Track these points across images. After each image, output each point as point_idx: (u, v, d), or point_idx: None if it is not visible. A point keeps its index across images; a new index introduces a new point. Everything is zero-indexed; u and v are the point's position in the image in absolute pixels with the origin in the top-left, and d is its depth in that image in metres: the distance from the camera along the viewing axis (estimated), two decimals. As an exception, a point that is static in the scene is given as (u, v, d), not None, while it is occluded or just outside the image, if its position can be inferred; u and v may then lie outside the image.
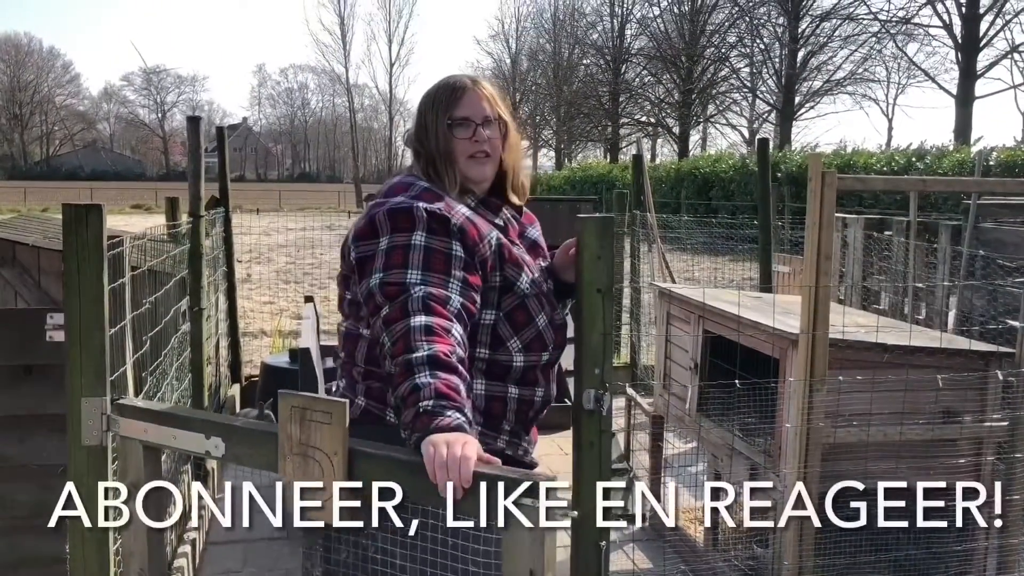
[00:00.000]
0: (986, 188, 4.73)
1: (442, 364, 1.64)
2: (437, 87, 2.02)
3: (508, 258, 1.93)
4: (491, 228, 1.94)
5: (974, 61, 30.30)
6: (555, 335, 2.02)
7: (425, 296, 1.73)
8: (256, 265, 14.90)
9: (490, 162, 1.99)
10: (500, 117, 2.00)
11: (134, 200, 41.02)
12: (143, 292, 3.98)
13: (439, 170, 1.97)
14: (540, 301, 1.98)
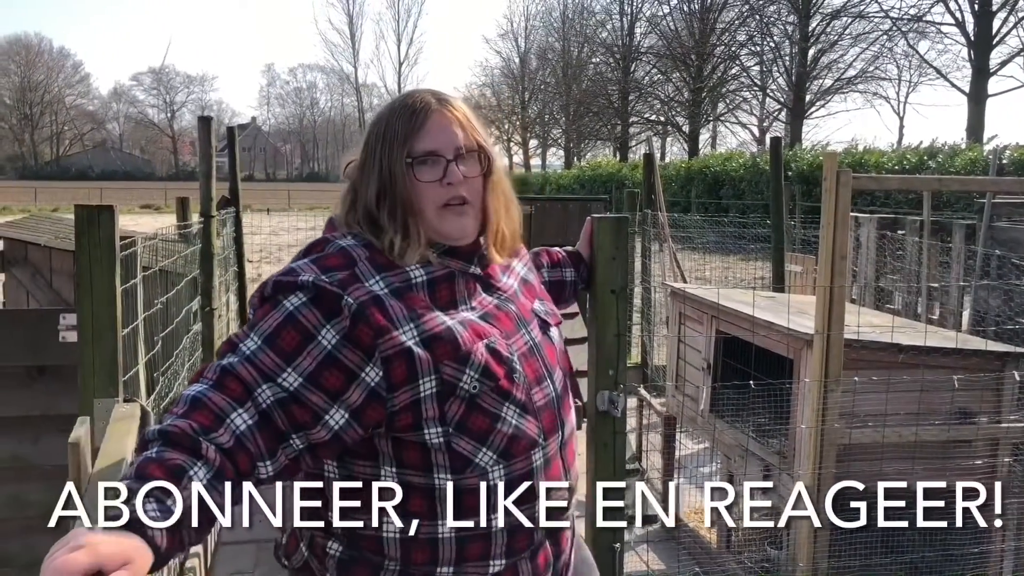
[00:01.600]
0: (1003, 187, 4.70)
1: (175, 440, 1.20)
2: (390, 109, 1.48)
3: (442, 351, 1.37)
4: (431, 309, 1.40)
5: (987, 58, 30.12)
6: (548, 415, 1.47)
7: (230, 367, 1.29)
8: (266, 265, 14.93)
9: (470, 210, 1.46)
10: (480, 146, 1.47)
11: (143, 200, 41.14)
12: (155, 292, 3.99)
13: (384, 224, 1.43)
14: (508, 383, 1.42)
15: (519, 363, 1.44)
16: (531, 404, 1.45)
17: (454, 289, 1.46)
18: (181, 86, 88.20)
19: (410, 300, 1.39)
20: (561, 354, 1.59)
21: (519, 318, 1.51)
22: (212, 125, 4.80)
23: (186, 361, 4.17)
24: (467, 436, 1.39)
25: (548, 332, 1.56)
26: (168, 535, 1.11)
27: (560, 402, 1.51)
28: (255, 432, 1.26)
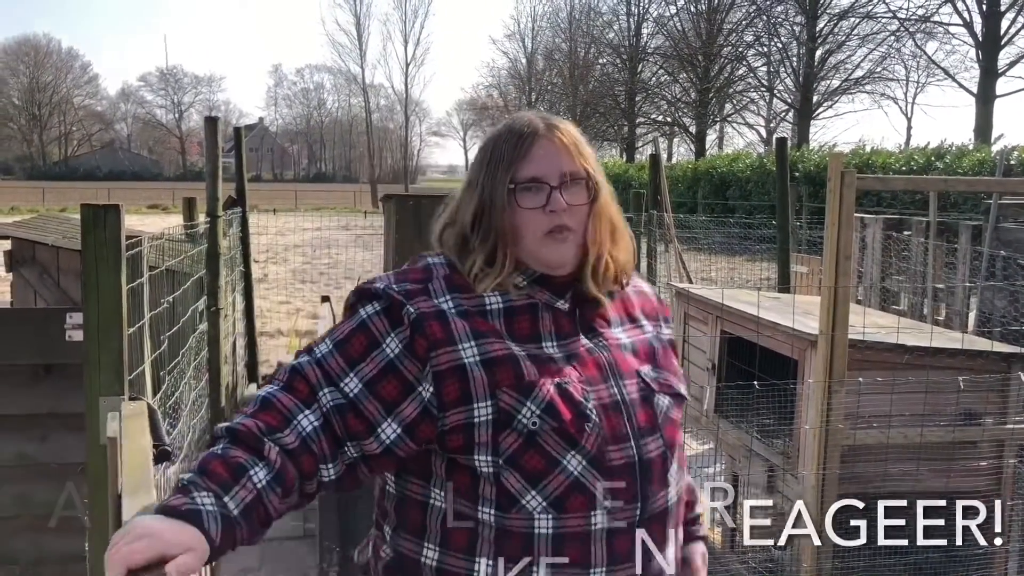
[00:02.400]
0: (1009, 188, 4.69)
1: (241, 438, 1.24)
2: (497, 133, 1.45)
3: (505, 378, 1.32)
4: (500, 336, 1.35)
5: (995, 59, 30.03)
6: (625, 481, 1.34)
7: (300, 368, 1.34)
8: (272, 265, 14.97)
9: (572, 238, 1.39)
10: (587, 174, 1.40)
11: (151, 200, 41.26)
12: (161, 292, 4.01)
13: (474, 247, 1.40)
14: (576, 430, 1.32)
15: (596, 413, 1.33)
16: (603, 461, 1.32)
17: (537, 322, 1.38)
18: (189, 86, 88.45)
19: (478, 323, 1.35)
20: (664, 424, 1.40)
21: (612, 369, 1.39)
22: (219, 125, 4.82)
23: (192, 360, 4.19)
24: (518, 472, 1.31)
25: (650, 397, 1.40)
26: (223, 532, 1.15)
27: (646, 473, 1.35)
28: (320, 434, 1.28)
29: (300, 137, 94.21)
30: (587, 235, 1.40)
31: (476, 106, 70.36)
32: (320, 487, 1.31)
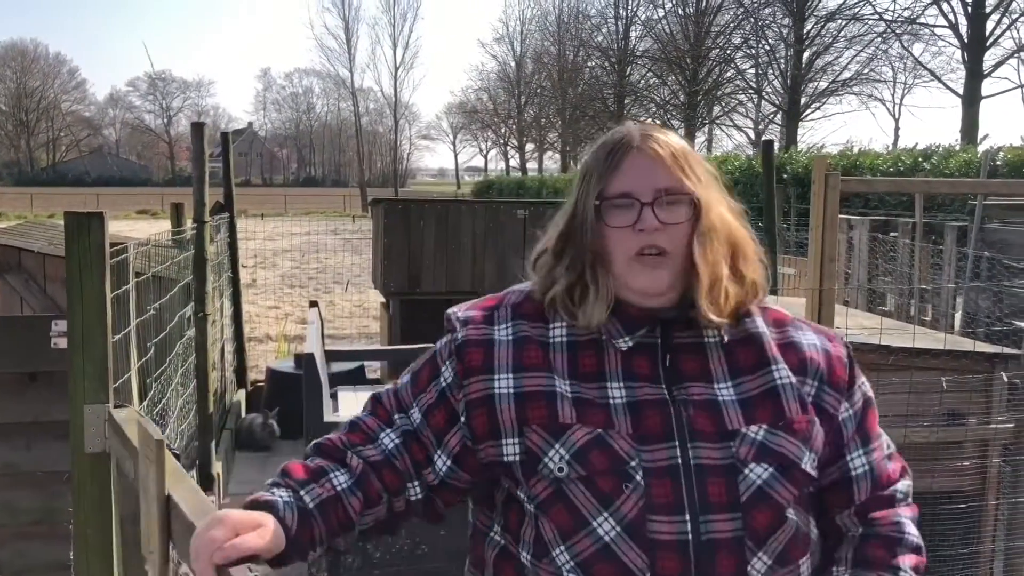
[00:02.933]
0: (991, 190, 4.72)
1: (326, 451, 1.26)
2: (593, 148, 1.31)
3: (537, 416, 1.21)
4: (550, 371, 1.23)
5: (980, 60, 30.20)
6: (669, 560, 1.14)
7: (381, 397, 1.34)
8: (261, 270, 14.93)
9: (667, 262, 1.21)
10: (686, 189, 1.23)
11: (140, 205, 41.14)
12: (148, 298, 4.00)
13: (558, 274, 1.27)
14: (611, 488, 1.16)
15: (641, 475, 1.15)
16: (642, 530, 1.14)
17: (603, 360, 1.23)
18: (177, 91, 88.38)
19: (529, 354, 1.24)
20: (752, 502, 1.16)
21: (682, 428, 1.18)
22: (205, 131, 4.80)
23: (179, 367, 4.18)
24: (550, 523, 1.19)
25: (735, 467, 1.17)
26: (299, 522, 1.15)
27: (706, 556, 1.13)
28: (402, 452, 1.26)
29: (289, 141, 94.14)
30: (690, 259, 1.21)
31: (466, 109, 70.37)
32: (410, 508, 1.28)
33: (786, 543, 1.18)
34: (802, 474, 1.19)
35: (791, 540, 1.19)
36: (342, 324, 10.58)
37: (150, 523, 1.33)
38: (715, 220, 1.23)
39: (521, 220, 6.81)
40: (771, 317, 1.30)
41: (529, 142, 60.77)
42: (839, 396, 1.26)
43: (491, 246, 6.75)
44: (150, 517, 1.33)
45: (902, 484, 1.33)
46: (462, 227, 6.71)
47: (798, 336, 1.29)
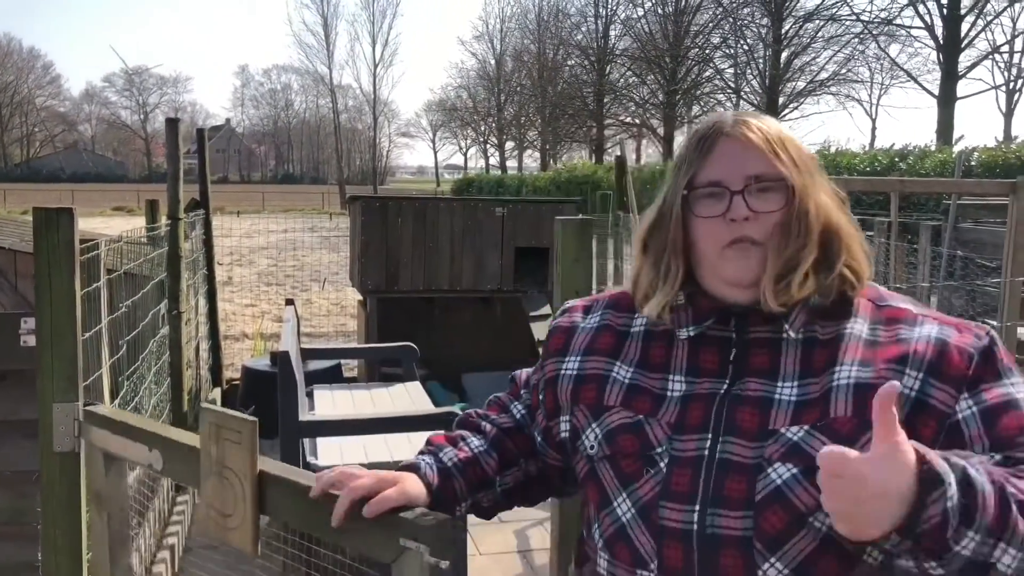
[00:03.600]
0: (964, 189, 4.76)
1: (464, 423, 1.42)
2: (688, 135, 1.28)
3: (586, 397, 1.26)
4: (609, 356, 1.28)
5: (955, 62, 30.50)
6: (673, 550, 1.13)
7: (516, 375, 1.50)
8: (238, 267, 14.83)
9: (757, 251, 1.17)
10: (780, 175, 1.17)
11: (116, 202, 40.79)
12: (120, 295, 3.95)
13: (646, 265, 1.26)
14: (634, 470, 1.18)
15: (666, 463, 1.15)
16: (653, 516, 1.14)
17: (670, 352, 1.23)
18: (154, 87, 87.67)
19: (604, 340, 1.29)
20: (768, 502, 1.10)
21: (721, 423, 1.15)
22: (180, 127, 4.76)
23: (152, 365, 4.13)
24: (588, 499, 1.26)
25: (759, 467, 1.11)
26: (440, 479, 1.28)
27: (709, 551, 1.11)
28: (527, 421, 1.39)
29: (267, 138, 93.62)
30: (783, 246, 1.16)
31: (445, 107, 70.28)
32: (547, 473, 1.38)
33: (810, 555, 1.09)
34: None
35: (818, 553, 1.09)
36: (319, 322, 10.53)
37: (237, 499, 1.50)
38: (811, 207, 1.17)
39: (499, 218, 6.80)
40: (885, 315, 1.19)
41: (509, 140, 60.78)
42: (951, 390, 1.11)
43: (469, 244, 6.74)
44: (240, 493, 1.49)
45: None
46: (440, 225, 6.69)
47: (911, 331, 1.16)
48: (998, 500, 0.96)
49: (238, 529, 1.50)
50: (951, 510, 0.93)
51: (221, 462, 1.52)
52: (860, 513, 0.93)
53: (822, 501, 0.97)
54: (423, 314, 7.24)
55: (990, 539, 0.95)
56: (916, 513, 0.93)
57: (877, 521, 0.93)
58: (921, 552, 0.96)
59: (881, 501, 0.92)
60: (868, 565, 1.09)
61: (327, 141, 78.87)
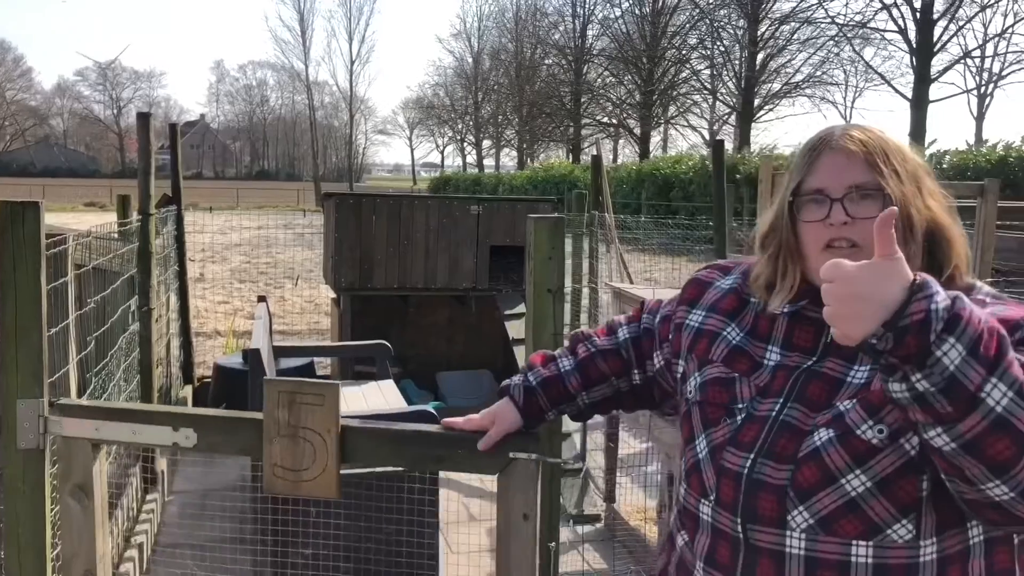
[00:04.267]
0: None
1: (572, 339, 1.72)
2: (801, 146, 1.42)
3: (699, 348, 1.45)
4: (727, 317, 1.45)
5: (928, 65, 30.85)
6: (727, 487, 1.31)
7: (646, 301, 1.74)
8: (211, 264, 14.71)
9: (858, 256, 1.20)
10: (878, 184, 1.28)
11: (88, 197, 40.34)
12: (89, 291, 3.90)
13: (772, 266, 1.39)
14: (716, 418, 1.37)
15: (743, 417, 1.33)
16: (718, 457, 1.33)
17: (773, 327, 1.39)
18: (128, 82, 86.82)
19: (728, 302, 1.47)
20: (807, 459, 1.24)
21: (793, 391, 1.31)
22: (152, 121, 4.71)
23: (122, 362, 4.09)
24: (682, 433, 1.46)
25: (806, 431, 1.26)
26: (525, 397, 1.66)
27: (752, 493, 1.27)
28: (631, 345, 1.65)
29: (243, 134, 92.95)
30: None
31: (422, 104, 70.15)
32: (634, 390, 1.65)
33: (833, 511, 1.21)
34: (858, 441, 1.20)
35: (842, 512, 1.21)
36: (293, 320, 10.47)
37: (318, 453, 1.80)
38: (912, 213, 1.28)
39: (475, 216, 6.78)
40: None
41: (486, 139, 60.78)
42: None
43: (444, 242, 6.72)
44: (322, 447, 1.80)
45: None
46: (415, 222, 6.66)
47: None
48: (993, 337, 1.02)
49: (318, 479, 1.80)
50: (934, 312, 1.01)
51: (296, 424, 1.80)
52: (846, 310, 1.05)
53: (825, 313, 1.09)
54: (397, 312, 7.22)
55: (977, 362, 1.01)
56: (902, 307, 1.02)
57: (863, 319, 1.04)
58: (905, 356, 1.02)
59: (865, 302, 1.04)
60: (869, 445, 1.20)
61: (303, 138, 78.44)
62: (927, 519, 1.19)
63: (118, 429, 2.02)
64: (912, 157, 1.33)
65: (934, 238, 1.30)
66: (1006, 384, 1.01)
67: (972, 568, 1.22)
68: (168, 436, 1.95)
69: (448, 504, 4.07)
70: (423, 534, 3.36)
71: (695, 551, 1.37)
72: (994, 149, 17.01)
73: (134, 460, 4.29)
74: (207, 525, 4.15)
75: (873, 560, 1.20)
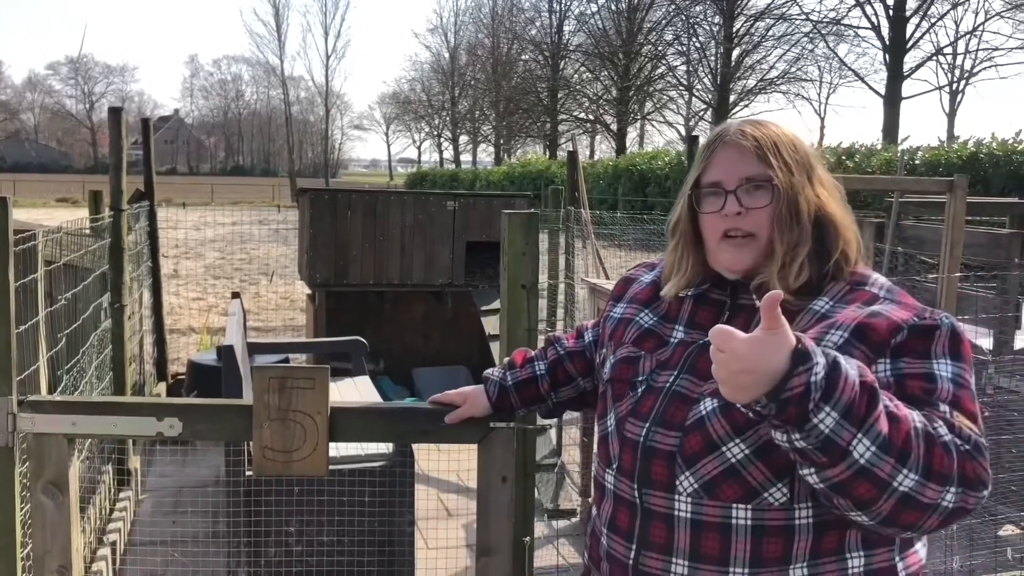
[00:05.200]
0: (904, 186, 4.87)
1: (547, 342, 1.86)
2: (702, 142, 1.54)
3: (616, 335, 1.56)
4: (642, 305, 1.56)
5: (901, 62, 31.14)
6: (628, 456, 1.41)
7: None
8: (185, 260, 14.58)
9: (751, 244, 1.39)
10: (767, 176, 1.38)
11: (60, 193, 39.83)
12: (60, 288, 3.86)
13: (673, 255, 1.51)
14: (620, 394, 1.47)
15: (642, 390, 1.44)
16: (621, 429, 1.44)
17: (679, 309, 1.50)
18: (100, 76, 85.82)
19: (646, 293, 1.58)
20: (693, 427, 1.34)
21: (687, 363, 1.41)
22: (123, 116, 4.66)
23: (94, 359, 4.05)
24: (598, 412, 1.59)
25: (694, 399, 1.36)
26: (498, 395, 1.82)
27: (647, 460, 1.37)
28: (592, 347, 1.74)
29: (217, 129, 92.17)
30: (773, 238, 1.38)
31: (399, 100, 69.86)
32: (598, 391, 1.63)
33: (716, 476, 1.31)
34: (738, 413, 1.28)
35: (723, 477, 1.31)
36: (268, 316, 10.41)
37: (308, 434, 1.93)
38: (800, 203, 1.38)
39: (451, 212, 6.78)
40: (851, 295, 1.36)
41: (463, 134, 60.64)
42: (869, 352, 1.27)
43: (420, 237, 6.70)
44: (312, 427, 1.93)
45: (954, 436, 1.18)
46: (391, 218, 6.64)
47: (858, 308, 1.33)
48: (864, 395, 1.11)
49: (308, 459, 1.93)
50: (813, 384, 1.09)
51: (287, 408, 1.91)
52: (734, 381, 1.12)
53: (712, 370, 1.16)
54: (373, 308, 7.19)
55: (849, 424, 1.10)
56: (783, 382, 1.09)
57: (748, 389, 1.11)
58: (786, 420, 1.11)
59: (752, 375, 1.10)
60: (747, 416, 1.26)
61: (278, 133, 77.85)
62: (801, 484, 1.27)
63: (98, 422, 2.03)
64: (804, 148, 1.43)
65: (822, 224, 1.39)
66: (870, 439, 1.10)
67: (848, 537, 1.30)
68: (152, 426, 1.99)
69: (424, 500, 4.07)
70: (399, 530, 3.36)
71: (601, 518, 1.48)
72: (965, 146, 17.19)
73: (106, 459, 4.25)
74: (181, 521, 4.13)
75: (752, 522, 1.29)
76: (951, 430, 1.18)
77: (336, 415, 1.96)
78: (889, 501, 1.13)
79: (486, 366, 2.12)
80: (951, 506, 1.15)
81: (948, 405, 1.22)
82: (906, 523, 1.16)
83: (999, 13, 32.16)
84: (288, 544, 3.32)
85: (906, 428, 1.13)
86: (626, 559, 1.40)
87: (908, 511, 1.14)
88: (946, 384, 1.24)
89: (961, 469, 1.15)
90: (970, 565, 3.45)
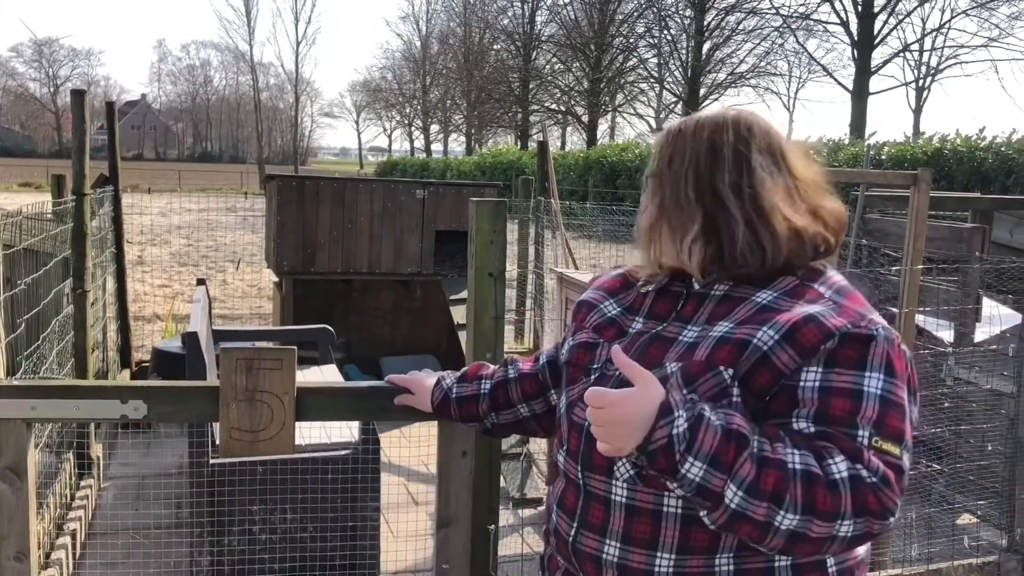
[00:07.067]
0: (868, 179, 4.91)
1: (503, 362, 1.84)
2: None
3: (579, 317, 1.60)
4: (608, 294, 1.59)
5: (869, 58, 31.44)
6: (574, 438, 1.46)
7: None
8: (151, 247, 14.41)
9: (641, 236, 1.49)
10: (653, 171, 1.47)
11: (23, 178, 39.19)
12: (20, 272, 3.80)
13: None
14: (574, 378, 1.52)
15: (595, 376, 1.47)
16: (569, 412, 1.50)
17: (641, 301, 1.52)
18: (65, 59, 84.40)
19: (615, 284, 1.59)
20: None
21: (638, 352, 1.40)
22: (87, 98, 4.58)
23: (55, 344, 3.99)
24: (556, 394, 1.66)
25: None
26: (439, 403, 1.84)
27: (590, 443, 1.36)
28: (546, 369, 1.72)
29: (185, 115, 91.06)
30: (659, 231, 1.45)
31: (370, 88, 69.43)
32: (552, 410, 1.69)
33: None
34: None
35: None
36: (235, 304, 10.32)
37: (275, 414, 1.97)
38: (689, 195, 1.40)
39: (420, 200, 6.75)
40: (798, 291, 1.37)
41: (434, 123, 60.42)
42: (796, 356, 1.27)
43: (389, 226, 6.67)
44: (280, 407, 1.97)
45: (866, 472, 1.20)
46: (359, 206, 6.60)
47: (800, 306, 1.33)
48: (731, 442, 1.18)
49: (275, 438, 1.97)
50: (676, 436, 1.17)
51: (253, 388, 1.95)
52: (609, 434, 1.22)
53: (591, 430, 1.25)
54: (341, 296, 7.15)
55: (717, 471, 1.17)
56: (650, 434, 1.18)
57: (621, 441, 1.21)
58: (660, 471, 1.20)
59: (624, 427, 1.20)
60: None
61: (247, 119, 77.07)
62: None
63: (59, 406, 2.02)
64: (708, 142, 1.42)
65: (714, 216, 1.39)
66: (736, 484, 1.17)
67: None
68: (116, 409, 1.98)
69: (389, 488, 4.06)
70: (364, 517, 3.35)
71: (554, 495, 1.54)
72: (930, 142, 17.40)
73: (68, 446, 4.20)
74: (143, 510, 4.08)
75: (682, 511, 1.33)
76: (857, 460, 1.19)
77: (302, 395, 2.01)
78: (777, 538, 1.19)
79: (454, 355, 2.16)
80: (850, 534, 1.19)
81: (871, 427, 1.22)
82: (805, 552, 1.23)
83: (965, 11, 32.59)
84: (252, 532, 3.30)
85: (777, 472, 1.17)
86: (568, 536, 1.46)
87: (801, 544, 1.19)
88: (871, 403, 1.24)
89: (863, 501, 1.17)
90: (928, 553, 3.50)
